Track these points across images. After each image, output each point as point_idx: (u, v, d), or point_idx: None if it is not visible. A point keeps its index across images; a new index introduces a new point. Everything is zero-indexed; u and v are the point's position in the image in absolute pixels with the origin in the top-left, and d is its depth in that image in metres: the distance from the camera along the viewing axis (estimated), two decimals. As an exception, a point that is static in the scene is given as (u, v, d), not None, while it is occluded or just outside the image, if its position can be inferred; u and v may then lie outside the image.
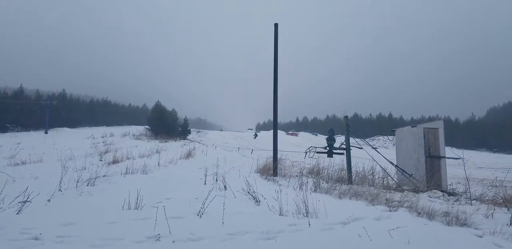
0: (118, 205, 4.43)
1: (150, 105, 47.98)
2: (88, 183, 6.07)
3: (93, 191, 5.58)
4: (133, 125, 51.88)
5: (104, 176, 7.12)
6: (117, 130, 36.36)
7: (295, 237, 3.41)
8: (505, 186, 6.32)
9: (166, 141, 24.64)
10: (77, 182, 5.99)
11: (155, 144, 20.15)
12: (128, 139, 25.62)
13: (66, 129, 38.52)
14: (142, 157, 12.07)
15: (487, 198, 6.19)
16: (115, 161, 10.36)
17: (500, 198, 5.90)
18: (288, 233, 3.52)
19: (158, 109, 36.16)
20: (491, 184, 6.82)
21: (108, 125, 51.57)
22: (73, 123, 45.55)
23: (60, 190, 5.45)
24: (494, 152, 54.37)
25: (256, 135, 46.76)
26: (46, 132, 32.74)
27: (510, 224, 4.15)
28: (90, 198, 5.10)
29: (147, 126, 34.97)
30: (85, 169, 7.97)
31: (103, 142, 21.28)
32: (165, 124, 32.88)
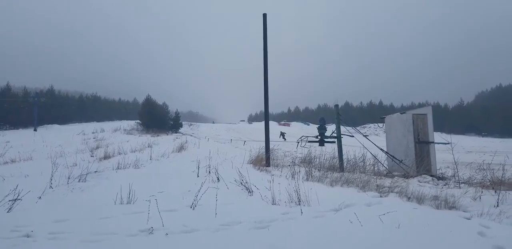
0: (110, 200, 4.41)
1: (141, 99, 47.53)
2: (79, 179, 6.01)
3: (85, 187, 5.54)
4: (124, 120, 51.37)
5: (95, 171, 7.07)
6: (108, 125, 35.96)
7: (288, 225, 3.44)
8: (493, 169, 6.47)
9: (158, 135, 24.54)
10: (68, 178, 5.92)
11: (146, 138, 20.04)
12: (119, 134, 25.42)
13: (55, 126, 37.96)
14: (134, 151, 12.01)
15: (475, 181, 6.36)
16: (106, 157, 10.27)
17: (488, 180, 6.06)
18: (280, 222, 3.55)
19: (149, 103, 35.89)
20: (479, 167, 6.97)
21: (98, 120, 50.96)
22: (62, 120, 44.91)
23: (51, 187, 5.38)
24: (482, 136, 55.55)
25: (283, 135, 32.63)
26: (35, 130, 32.20)
27: (497, 206, 4.27)
28: (81, 194, 5.05)
29: (138, 121, 34.71)
30: (76, 165, 7.89)
31: (94, 138, 21.07)
32: (156, 118, 32.69)
